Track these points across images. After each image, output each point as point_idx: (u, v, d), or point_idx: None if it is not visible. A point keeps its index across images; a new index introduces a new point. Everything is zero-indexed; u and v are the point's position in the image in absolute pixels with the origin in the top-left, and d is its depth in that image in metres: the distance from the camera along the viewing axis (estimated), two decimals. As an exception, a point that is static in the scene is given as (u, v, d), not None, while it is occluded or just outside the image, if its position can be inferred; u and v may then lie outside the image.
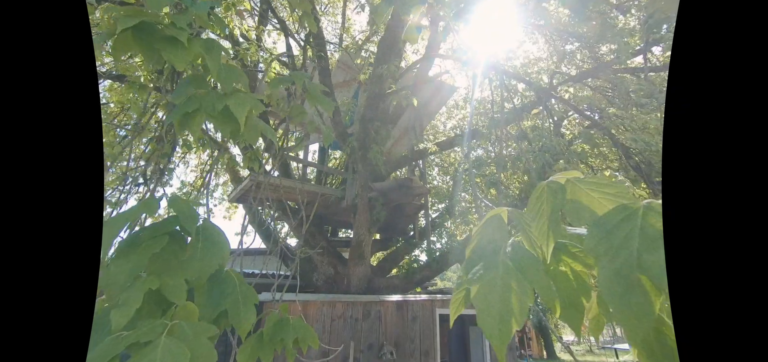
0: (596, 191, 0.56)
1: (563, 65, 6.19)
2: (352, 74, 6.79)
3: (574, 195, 0.58)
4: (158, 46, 0.67)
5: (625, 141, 3.89)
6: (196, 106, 0.72)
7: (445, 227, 8.21)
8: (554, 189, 0.59)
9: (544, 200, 0.60)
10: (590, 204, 0.56)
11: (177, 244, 0.63)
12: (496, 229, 0.60)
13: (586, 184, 0.57)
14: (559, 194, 0.58)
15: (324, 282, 6.08)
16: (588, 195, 0.57)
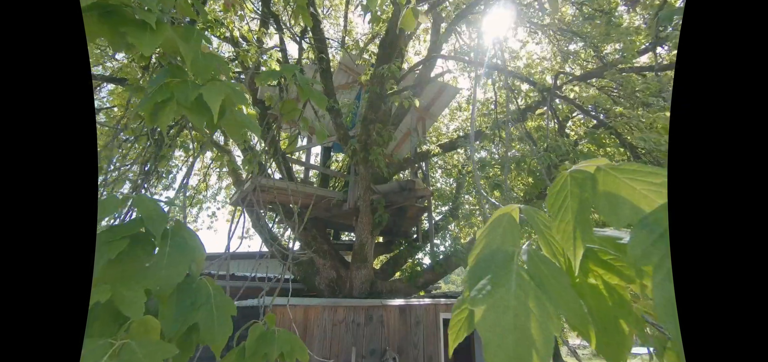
0: (638, 181, 0.44)
1: (567, 65, 6.11)
2: (353, 76, 6.75)
3: (607, 186, 0.46)
4: (124, 30, 0.61)
5: (632, 140, 3.79)
6: (167, 95, 0.66)
7: (448, 230, 8.13)
8: (581, 180, 0.47)
9: (568, 194, 0.48)
10: (631, 198, 0.44)
11: (142, 249, 0.57)
12: (506, 232, 0.50)
13: (624, 173, 0.46)
14: (588, 185, 0.47)
15: (326, 285, 6.02)
16: (627, 186, 0.45)
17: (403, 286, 6.07)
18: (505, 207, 0.53)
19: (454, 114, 9.65)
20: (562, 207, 0.49)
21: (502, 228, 0.51)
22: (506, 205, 0.54)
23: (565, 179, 0.50)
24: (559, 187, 0.50)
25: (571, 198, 0.48)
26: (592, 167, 0.48)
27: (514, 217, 0.52)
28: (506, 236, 0.50)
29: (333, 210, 6.05)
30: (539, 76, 6.41)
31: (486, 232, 0.51)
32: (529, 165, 4.56)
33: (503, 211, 0.52)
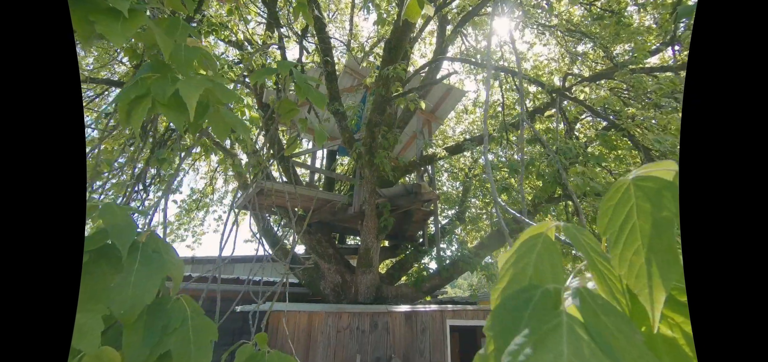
0: None
1: (576, 66, 6.00)
2: (359, 79, 6.71)
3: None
4: (93, 18, 0.55)
5: (646, 143, 3.68)
6: (142, 91, 0.60)
7: (455, 234, 8.02)
8: (653, 192, 0.35)
9: (633, 210, 0.36)
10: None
11: (108, 265, 0.50)
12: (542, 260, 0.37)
13: None
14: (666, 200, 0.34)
15: (331, 290, 5.96)
16: None
17: (409, 291, 5.98)
18: (538, 226, 0.41)
19: (460, 117, 9.57)
20: (624, 229, 0.36)
21: (536, 254, 0.38)
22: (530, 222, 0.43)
23: (626, 189, 0.37)
24: (617, 200, 0.38)
25: (640, 216, 0.36)
26: (667, 173, 0.36)
27: (551, 239, 0.39)
28: (543, 266, 0.37)
29: (338, 214, 5.99)
30: (547, 77, 6.31)
31: (513, 259, 0.39)
32: (537, 168, 4.46)
33: (536, 231, 0.40)
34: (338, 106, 5.31)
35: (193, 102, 0.58)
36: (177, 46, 0.65)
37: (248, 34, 4.71)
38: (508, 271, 0.39)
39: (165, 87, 0.60)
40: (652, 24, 4.72)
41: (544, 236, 0.40)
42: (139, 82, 0.61)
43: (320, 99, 0.94)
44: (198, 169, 8.94)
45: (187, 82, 0.60)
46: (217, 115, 0.71)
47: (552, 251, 0.38)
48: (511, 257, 0.40)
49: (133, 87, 0.61)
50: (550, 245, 0.39)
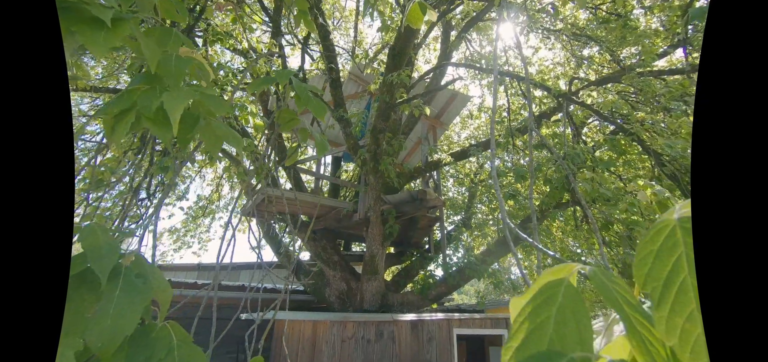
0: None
1: (582, 70, 5.93)
2: (363, 85, 6.72)
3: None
4: (75, 28, 0.53)
5: (656, 147, 3.60)
6: (127, 104, 0.58)
7: (461, 240, 7.94)
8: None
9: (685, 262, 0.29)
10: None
11: (88, 292, 0.47)
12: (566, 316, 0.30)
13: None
14: None
15: (337, 297, 5.91)
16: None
17: (415, 299, 5.91)
18: (556, 269, 0.34)
19: (465, 122, 9.52)
20: (671, 285, 0.29)
21: (556, 307, 0.31)
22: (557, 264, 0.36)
23: (672, 231, 0.30)
24: (659, 244, 0.31)
25: (692, 271, 0.28)
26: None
27: (575, 289, 0.32)
28: (566, 324, 0.29)
29: (343, 220, 5.96)
30: (553, 81, 6.25)
31: (529, 309, 0.32)
32: (544, 173, 4.39)
33: (556, 275, 0.33)
34: (343, 112, 5.30)
35: (176, 114, 0.55)
36: (166, 56, 0.62)
37: (253, 43, 4.74)
38: (523, 326, 0.31)
39: (151, 99, 0.57)
40: (659, 27, 4.65)
41: (566, 283, 0.32)
42: (125, 94, 0.59)
43: (320, 108, 0.91)
44: (204, 175, 8.99)
45: (172, 93, 0.57)
46: (209, 127, 0.69)
47: (576, 304, 0.31)
48: (526, 307, 0.33)
49: (118, 100, 0.58)
50: (574, 296, 0.31)
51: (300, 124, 1.02)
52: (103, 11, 0.53)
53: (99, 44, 0.52)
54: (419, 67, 8.26)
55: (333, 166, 8.57)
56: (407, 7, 0.91)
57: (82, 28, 0.53)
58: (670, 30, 4.29)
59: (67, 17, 0.53)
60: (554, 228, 7.33)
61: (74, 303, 0.45)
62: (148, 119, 0.58)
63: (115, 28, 0.55)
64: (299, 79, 0.93)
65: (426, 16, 0.88)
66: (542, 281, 0.34)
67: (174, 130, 0.55)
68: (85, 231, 0.49)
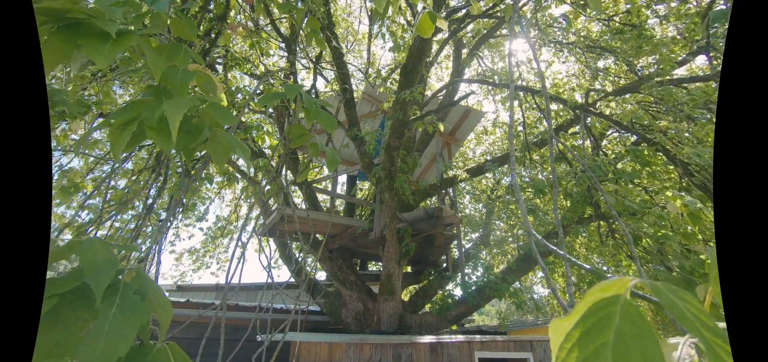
0: None
1: (598, 82, 5.81)
2: (377, 104, 6.79)
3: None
4: (81, 42, 0.54)
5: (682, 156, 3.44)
6: (130, 116, 0.58)
7: (480, 258, 7.73)
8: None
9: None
10: None
11: (84, 310, 0.45)
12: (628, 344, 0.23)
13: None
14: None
15: (353, 318, 5.81)
16: None
17: (434, 320, 5.74)
18: (606, 284, 0.28)
19: (480, 138, 9.45)
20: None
21: (614, 332, 0.24)
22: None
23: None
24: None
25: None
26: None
27: (635, 307, 0.26)
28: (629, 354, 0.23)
29: (359, 239, 5.92)
30: (569, 94, 6.15)
31: (577, 334, 0.26)
32: (564, 187, 4.25)
33: (608, 292, 0.27)
34: (357, 131, 5.34)
35: (176, 121, 0.54)
36: (172, 68, 0.63)
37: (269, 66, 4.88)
38: (572, 356, 0.25)
39: (154, 109, 0.57)
40: (676, 35, 4.52)
41: (622, 301, 0.26)
42: (130, 106, 0.59)
43: (329, 121, 0.90)
44: (223, 196, 9.17)
45: (172, 102, 0.57)
46: (215, 138, 0.68)
47: (640, 327, 0.24)
48: (573, 332, 0.27)
49: (122, 111, 0.58)
50: (636, 317, 0.25)
51: (311, 140, 1.02)
52: (109, 25, 0.53)
53: (103, 55, 0.53)
54: (432, 86, 8.31)
55: (348, 184, 8.61)
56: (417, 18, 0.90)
57: (89, 41, 0.54)
58: (688, 38, 4.17)
59: (75, 32, 0.54)
60: (578, 245, 7.06)
61: (67, 322, 0.43)
62: (150, 129, 0.58)
63: (119, 41, 0.55)
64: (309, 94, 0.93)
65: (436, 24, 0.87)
66: (590, 299, 0.28)
67: (173, 137, 0.54)
68: (84, 245, 0.48)
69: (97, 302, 0.42)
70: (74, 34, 0.54)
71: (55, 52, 0.53)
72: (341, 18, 8.10)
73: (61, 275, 0.46)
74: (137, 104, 0.60)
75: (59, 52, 0.53)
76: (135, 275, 0.49)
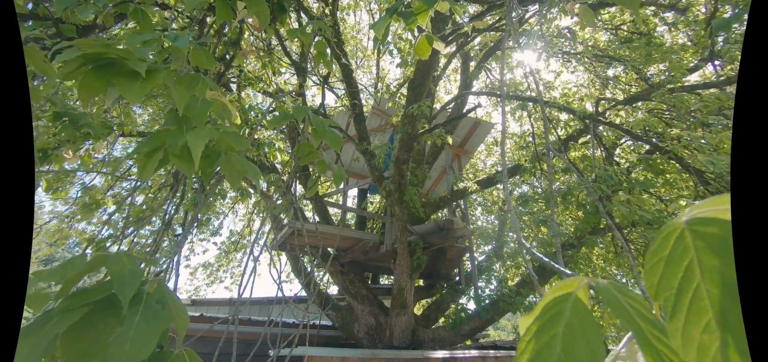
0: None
1: (608, 90, 5.77)
2: (386, 118, 6.88)
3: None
4: (114, 81, 0.60)
5: (696, 164, 3.37)
6: (156, 144, 0.64)
7: (493, 271, 7.62)
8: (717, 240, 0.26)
9: (694, 265, 0.27)
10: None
11: (113, 318, 0.50)
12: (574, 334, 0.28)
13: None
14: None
15: (365, 333, 5.78)
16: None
17: (447, 334, 5.66)
18: (563, 283, 0.32)
19: (490, 149, 9.42)
20: (685, 294, 0.27)
21: (564, 325, 0.29)
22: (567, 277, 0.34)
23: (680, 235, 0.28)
24: (668, 251, 0.29)
25: (705, 276, 0.26)
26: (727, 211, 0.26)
27: (584, 303, 0.30)
28: (575, 344, 0.27)
29: (370, 253, 5.94)
30: (578, 104, 6.12)
31: (535, 327, 0.30)
32: (576, 198, 4.20)
33: (563, 290, 0.31)
34: (367, 145, 5.42)
35: (198, 151, 0.60)
36: (193, 99, 0.69)
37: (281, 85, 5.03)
38: (529, 346, 0.29)
39: (177, 138, 0.63)
40: (686, 42, 4.48)
41: (573, 298, 0.30)
42: (155, 135, 0.65)
43: (336, 140, 0.95)
44: (237, 211, 9.34)
45: (195, 132, 0.63)
46: (230, 162, 0.74)
47: (585, 320, 0.29)
48: (533, 325, 0.31)
49: (149, 140, 0.65)
50: (583, 312, 0.29)
51: (319, 157, 1.07)
52: (138, 64, 0.60)
53: (134, 93, 0.60)
54: (441, 98, 8.37)
55: (359, 198, 8.66)
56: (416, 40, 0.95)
57: (120, 80, 0.61)
58: (698, 44, 4.13)
59: (108, 71, 0.61)
60: (594, 256, 6.90)
61: (97, 328, 0.48)
62: (174, 156, 0.64)
63: (148, 78, 0.62)
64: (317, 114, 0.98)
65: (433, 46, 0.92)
66: (549, 296, 0.32)
67: (196, 165, 0.60)
68: (112, 258, 0.53)
69: (124, 310, 0.47)
70: (108, 73, 0.61)
71: (90, 88, 0.60)
72: (350, 36, 8.29)
73: (91, 287, 0.52)
74: (162, 133, 0.67)
75: (94, 88, 0.60)
76: (156, 286, 0.54)
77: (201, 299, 9.40)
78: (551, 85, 7.01)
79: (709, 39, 3.00)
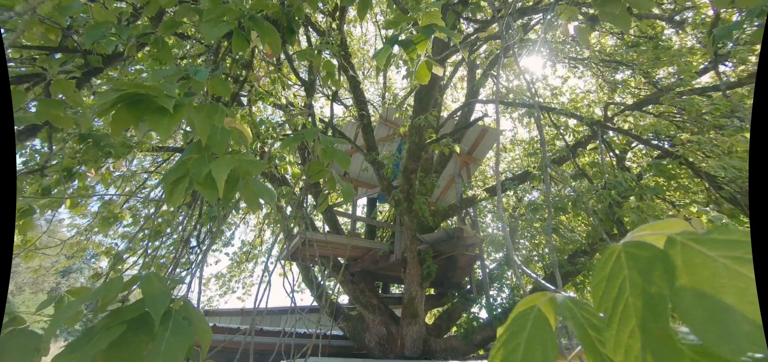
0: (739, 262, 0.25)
1: (617, 95, 5.72)
2: (394, 128, 6.94)
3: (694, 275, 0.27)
4: (146, 117, 0.66)
5: (708, 169, 3.31)
6: (183, 172, 0.70)
7: (505, 279, 7.54)
8: (645, 261, 0.30)
9: (625, 282, 0.32)
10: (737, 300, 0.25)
11: (145, 334, 0.56)
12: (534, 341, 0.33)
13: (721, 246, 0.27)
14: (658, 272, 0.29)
15: (377, 343, 5.78)
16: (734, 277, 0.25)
17: (460, 344, 5.61)
18: (530, 298, 0.37)
19: (499, 155, 9.39)
20: (618, 306, 0.31)
21: (526, 334, 0.34)
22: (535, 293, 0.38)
23: (618, 257, 0.32)
24: (609, 270, 0.33)
25: (632, 291, 0.30)
26: (660, 237, 0.30)
27: (544, 315, 0.35)
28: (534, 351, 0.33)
29: (380, 262, 5.95)
30: (586, 109, 6.08)
31: (505, 336, 0.36)
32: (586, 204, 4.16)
33: (528, 304, 0.37)
34: (375, 155, 5.48)
35: (222, 180, 0.66)
36: (213, 129, 0.75)
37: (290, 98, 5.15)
38: (499, 352, 0.35)
39: (201, 167, 0.69)
40: (695, 44, 4.43)
41: (536, 312, 0.35)
42: (180, 164, 0.71)
43: (344, 160, 1.00)
44: (248, 222, 9.46)
45: (218, 163, 0.69)
46: (247, 186, 0.79)
47: (544, 331, 0.34)
48: (503, 334, 0.36)
49: (175, 169, 0.70)
50: (543, 324, 0.34)
51: (329, 174, 1.12)
52: (166, 101, 0.66)
53: (163, 128, 0.66)
54: (448, 105, 8.41)
55: (368, 207, 8.71)
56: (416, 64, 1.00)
57: (150, 115, 0.67)
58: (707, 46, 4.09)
59: (139, 107, 0.67)
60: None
61: (133, 344, 0.53)
62: (198, 184, 0.70)
63: (175, 114, 0.68)
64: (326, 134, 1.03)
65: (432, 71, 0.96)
66: (518, 309, 0.37)
67: (220, 192, 0.66)
68: (144, 280, 0.59)
69: (156, 327, 0.52)
70: (138, 109, 0.67)
71: (122, 121, 0.67)
72: (357, 48, 8.42)
73: (127, 305, 0.57)
74: (186, 162, 0.73)
75: (126, 121, 0.67)
76: (182, 304, 0.59)
77: (213, 309, 9.51)
78: (559, 90, 6.99)
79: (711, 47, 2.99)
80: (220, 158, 0.72)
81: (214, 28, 0.87)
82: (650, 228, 0.33)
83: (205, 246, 2.38)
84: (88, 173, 2.22)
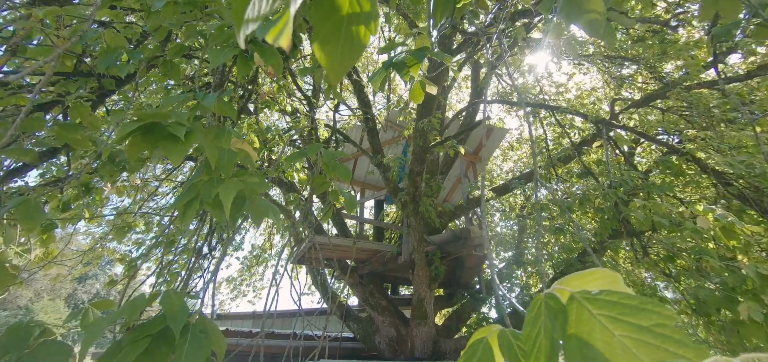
0: (620, 323, 0.31)
1: (623, 90, 5.67)
2: (399, 131, 6.98)
3: (580, 327, 0.34)
4: (159, 144, 0.72)
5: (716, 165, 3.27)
6: (194, 194, 0.75)
7: (514, 278, 7.51)
8: (555, 311, 0.37)
9: (541, 327, 0.38)
10: (606, 352, 0.32)
11: (167, 346, 0.61)
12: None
13: (603, 307, 0.33)
14: (559, 321, 0.36)
15: (387, 344, 5.81)
16: (604, 331, 0.32)
17: (469, 344, 5.61)
18: (482, 330, 0.44)
19: (506, 154, 9.36)
20: (536, 342, 0.37)
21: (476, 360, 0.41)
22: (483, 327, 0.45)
23: (539, 305, 0.39)
24: (534, 313, 0.39)
25: (544, 334, 0.37)
26: (566, 293, 0.37)
27: (490, 345, 0.41)
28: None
29: (389, 264, 5.99)
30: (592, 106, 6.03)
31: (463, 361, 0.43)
32: (592, 202, 4.14)
33: (479, 335, 0.43)
34: (381, 158, 5.52)
35: (228, 202, 0.72)
36: (221, 151, 0.81)
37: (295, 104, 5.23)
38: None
39: (210, 190, 0.75)
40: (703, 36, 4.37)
41: (484, 343, 0.42)
42: (192, 187, 0.77)
43: (346, 173, 1.05)
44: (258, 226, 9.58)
45: (225, 186, 0.75)
46: (254, 204, 0.84)
47: (490, 357, 0.41)
48: (461, 358, 0.43)
49: (187, 192, 0.76)
50: (488, 352, 0.41)
51: (332, 187, 1.17)
52: (178, 129, 0.72)
53: (176, 154, 0.71)
54: (453, 105, 8.41)
55: (376, 209, 8.76)
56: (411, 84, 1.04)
57: (164, 142, 0.73)
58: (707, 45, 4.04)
59: (153, 134, 0.73)
60: (621, 259, 6.70)
61: (157, 357, 0.58)
62: (207, 205, 0.75)
63: (187, 140, 0.74)
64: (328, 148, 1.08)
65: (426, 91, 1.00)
66: (474, 338, 0.44)
67: (227, 213, 0.71)
68: (164, 297, 0.64)
69: (176, 340, 0.57)
70: (152, 135, 0.73)
71: (137, 146, 0.73)
72: (361, 52, 8.45)
73: (150, 320, 0.63)
74: (197, 185, 0.79)
75: (141, 147, 0.73)
76: (198, 318, 0.65)
77: (225, 313, 9.64)
78: (565, 87, 6.95)
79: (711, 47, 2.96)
80: (227, 181, 0.78)
81: (219, 55, 0.93)
82: (577, 277, 0.39)
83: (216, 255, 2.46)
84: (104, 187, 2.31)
